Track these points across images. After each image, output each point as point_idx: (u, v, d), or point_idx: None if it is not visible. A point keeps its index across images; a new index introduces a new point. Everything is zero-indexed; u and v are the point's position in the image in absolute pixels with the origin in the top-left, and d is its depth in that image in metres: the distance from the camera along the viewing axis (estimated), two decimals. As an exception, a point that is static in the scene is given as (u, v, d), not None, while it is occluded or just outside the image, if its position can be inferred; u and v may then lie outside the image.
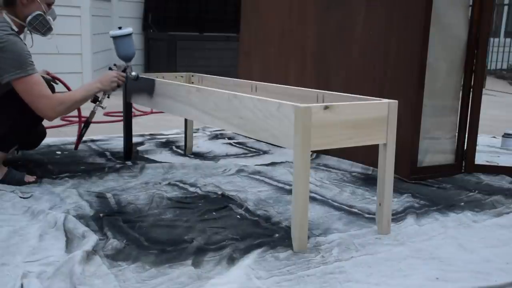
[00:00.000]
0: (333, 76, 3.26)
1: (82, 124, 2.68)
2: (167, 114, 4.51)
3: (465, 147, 2.96)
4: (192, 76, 3.32)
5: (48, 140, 3.04)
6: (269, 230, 2.05)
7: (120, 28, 2.62)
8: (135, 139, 3.45)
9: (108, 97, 2.64)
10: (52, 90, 2.70)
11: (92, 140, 3.60)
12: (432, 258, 1.83)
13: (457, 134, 2.97)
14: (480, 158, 3.17)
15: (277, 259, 1.78)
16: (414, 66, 2.72)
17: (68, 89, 2.76)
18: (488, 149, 3.66)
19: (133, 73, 2.67)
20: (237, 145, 3.68)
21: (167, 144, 3.61)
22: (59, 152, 3.22)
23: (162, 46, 7.14)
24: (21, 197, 2.31)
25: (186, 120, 3.36)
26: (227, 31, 7.34)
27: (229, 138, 3.89)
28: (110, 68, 2.63)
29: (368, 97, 2.09)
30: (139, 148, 3.43)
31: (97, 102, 2.61)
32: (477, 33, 2.85)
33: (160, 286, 1.58)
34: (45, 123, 2.76)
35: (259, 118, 1.95)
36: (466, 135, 2.95)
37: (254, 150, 3.53)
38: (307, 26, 3.44)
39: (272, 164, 3.12)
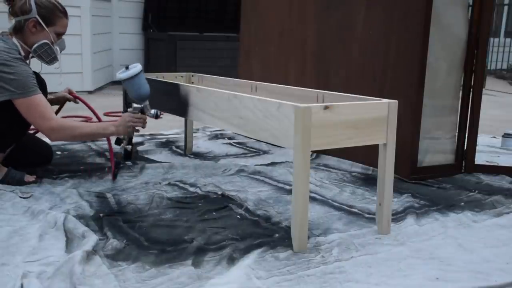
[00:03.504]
0: (333, 75, 3.26)
1: (115, 161, 2.65)
2: (166, 115, 4.50)
3: (465, 147, 2.96)
4: (192, 76, 3.32)
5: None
6: (269, 230, 2.05)
7: (127, 67, 2.34)
8: (135, 139, 3.44)
9: (131, 141, 2.53)
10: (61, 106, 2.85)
11: (92, 140, 3.59)
12: (432, 258, 1.83)
13: (457, 134, 2.97)
14: (480, 158, 3.17)
15: (277, 259, 1.78)
16: (414, 66, 2.72)
17: (90, 108, 2.77)
18: (488, 149, 3.66)
19: (152, 112, 2.45)
20: (237, 145, 3.68)
21: (167, 144, 3.61)
22: (59, 152, 3.22)
23: (162, 46, 7.13)
24: (21, 197, 2.31)
25: (186, 120, 3.36)
26: (227, 31, 7.34)
27: (229, 138, 3.88)
28: (126, 110, 2.47)
29: (368, 97, 2.09)
30: (139, 148, 3.43)
31: (121, 145, 2.52)
32: (477, 33, 2.85)
33: (160, 286, 1.58)
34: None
35: (259, 118, 1.95)
36: (466, 135, 2.95)
37: (254, 150, 3.53)
38: (307, 25, 3.44)
39: (272, 164, 3.12)
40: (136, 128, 2.45)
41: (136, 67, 2.34)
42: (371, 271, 1.72)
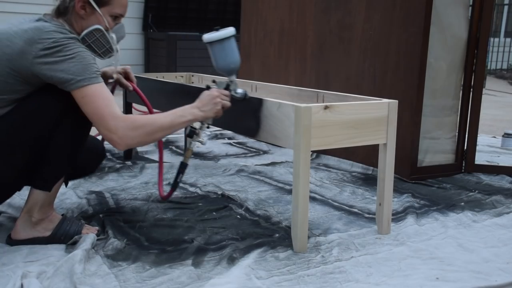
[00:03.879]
0: (333, 76, 3.26)
1: (177, 169, 2.01)
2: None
3: (465, 147, 2.96)
4: (192, 76, 3.32)
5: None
6: (269, 230, 2.05)
7: (216, 29, 1.90)
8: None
9: (208, 127, 1.94)
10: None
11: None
12: (432, 258, 1.83)
13: (457, 134, 2.97)
14: (480, 158, 3.17)
15: (277, 259, 1.78)
16: (414, 66, 2.72)
17: (147, 104, 2.22)
18: (488, 149, 3.66)
19: (239, 91, 1.93)
20: (237, 145, 3.68)
21: (167, 144, 3.60)
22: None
23: (162, 46, 7.14)
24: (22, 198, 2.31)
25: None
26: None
27: (229, 138, 3.88)
28: (207, 87, 1.92)
29: (368, 97, 2.09)
30: (139, 148, 3.43)
31: (194, 136, 1.93)
32: (477, 32, 2.85)
33: (160, 286, 1.58)
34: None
35: (259, 118, 1.94)
36: (466, 135, 2.95)
37: (254, 150, 3.53)
38: (307, 25, 3.44)
39: (272, 164, 3.12)
40: (223, 106, 1.89)
41: (229, 29, 1.90)
42: (371, 271, 1.72)
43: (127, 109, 3.05)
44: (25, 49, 1.66)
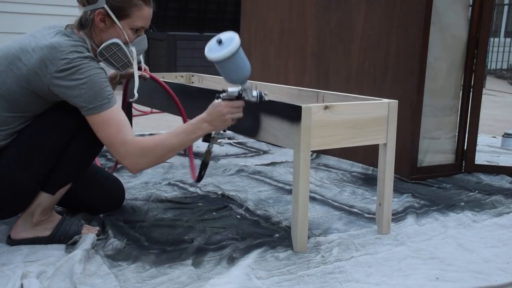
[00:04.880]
0: (333, 76, 3.26)
1: (200, 165, 2.07)
2: (167, 114, 4.51)
3: (465, 147, 2.96)
4: (192, 76, 3.32)
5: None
6: (269, 230, 2.05)
7: (220, 42, 1.70)
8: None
9: (225, 131, 1.96)
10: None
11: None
12: (432, 258, 1.83)
13: (457, 134, 2.97)
14: (480, 158, 3.17)
15: (277, 259, 1.78)
16: (414, 66, 2.72)
17: (166, 89, 2.22)
18: (488, 149, 3.66)
19: (254, 93, 1.82)
20: (237, 145, 3.68)
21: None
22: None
23: (162, 46, 7.14)
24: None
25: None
26: (227, 31, 7.33)
27: (229, 138, 3.89)
28: (217, 97, 1.82)
29: (368, 97, 2.09)
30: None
31: (211, 140, 1.98)
32: (477, 32, 2.85)
33: (160, 286, 1.58)
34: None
35: (259, 117, 1.94)
36: (466, 135, 2.95)
37: (254, 150, 3.53)
38: (307, 25, 3.44)
39: (272, 164, 3.12)
40: (234, 118, 1.83)
41: (234, 41, 1.68)
42: (371, 271, 1.72)
43: (127, 109, 3.04)
44: (39, 69, 1.68)
